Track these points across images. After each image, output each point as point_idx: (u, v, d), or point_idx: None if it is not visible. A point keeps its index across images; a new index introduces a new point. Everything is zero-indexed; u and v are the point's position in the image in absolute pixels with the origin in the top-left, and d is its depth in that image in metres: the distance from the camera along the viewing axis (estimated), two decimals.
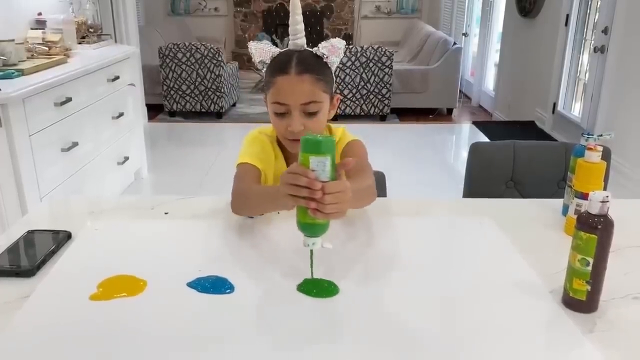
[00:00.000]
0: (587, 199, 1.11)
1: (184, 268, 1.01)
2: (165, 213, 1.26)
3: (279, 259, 1.07)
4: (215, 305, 0.90)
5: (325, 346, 0.81)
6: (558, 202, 1.31)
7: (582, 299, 0.90)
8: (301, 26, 1.27)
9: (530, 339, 0.84)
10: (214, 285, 0.95)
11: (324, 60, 1.27)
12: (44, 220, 1.27)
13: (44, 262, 1.02)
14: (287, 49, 1.30)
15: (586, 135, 1.18)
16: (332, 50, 1.27)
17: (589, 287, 0.89)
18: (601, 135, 1.18)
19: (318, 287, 0.95)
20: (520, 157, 1.73)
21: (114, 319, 0.86)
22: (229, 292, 0.94)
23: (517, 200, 1.46)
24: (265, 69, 1.30)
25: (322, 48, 1.27)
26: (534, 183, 1.74)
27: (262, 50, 1.28)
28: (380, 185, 1.58)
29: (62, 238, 1.11)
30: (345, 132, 1.42)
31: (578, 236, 0.89)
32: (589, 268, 0.88)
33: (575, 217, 1.14)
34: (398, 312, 0.90)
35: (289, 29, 1.28)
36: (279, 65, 1.26)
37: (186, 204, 1.32)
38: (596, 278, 0.89)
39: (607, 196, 0.87)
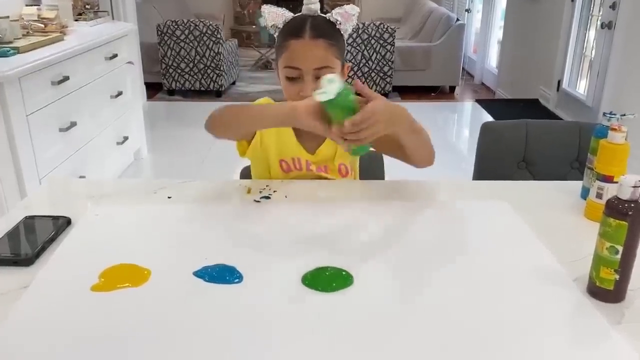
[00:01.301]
0: (609, 182, 1.07)
1: (190, 256, 0.96)
2: (169, 197, 1.21)
3: (290, 246, 1.02)
4: (224, 296, 0.86)
5: (339, 339, 0.77)
6: (576, 185, 1.26)
7: (609, 288, 0.85)
8: None
9: (554, 330, 0.80)
10: (222, 274, 0.90)
11: (337, 26, 1.26)
12: (43, 204, 1.22)
13: (43, 249, 0.97)
14: (300, 13, 1.27)
15: (608, 115, 1.13)
16: (346, 16, 1.26)
17: (617, 276, 0.84)
18: (624, 115, 1.13)
19: (329, 276, 0.91)
20: (532, 137, 1.68)
21: (117, 310, 0.82)
22: (237, 282, 0.89)
23: (533, 182, 1.41)
24: (277, 34, 1.27)
25: (336, 14, 1.26)
26: (546, 164, 1.69)
27: (275, 14, 1.27)
28: (378, 167, 1.54)
29: (61, 224, 1.05)
30: None
31: (607, 223, 0.84)
32: (618, 256, 0.84)
33: (596, 200, 1.10)
34: (415, 304, 0.86)
35: None
36: (292, 29, 1.24)
37: (190, 187, 1.27)
38: (625, 267, 0.84)
39: (639, 180, 0.82)
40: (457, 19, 5.96)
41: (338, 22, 1.26)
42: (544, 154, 1.68)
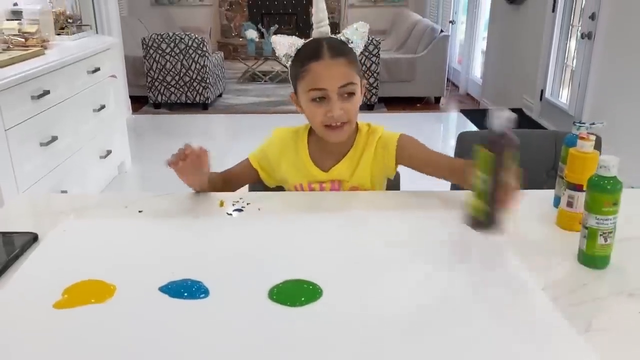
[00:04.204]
0: (579, 190, 1.08)
1: (156, 271, 0.94)
2: (139, 211, 1.20)
3: (259, 259, 1.01)
4: (189, 312, 0.84)
5: (307, 356, 0.76)
6: (549, 194, 1.26)
7: (481, 218, 0.91)
8: (324, 14, 1.30)
9: (522, 338, 0.80)
10: (187, 289, 0.88)
11: (350, 45, 1.30)
12: (13, 220, 1.20)
13: (6, 267, 0.95)
14: (312, 38, 1.30)
15: (577, 124, 1.13)
16: (356, 34, 1.30)
17: (487, 207, 0.89)
18: (593, 124, 1.14)
19: (298, 290, 0.90)
20: None
21: (80, 327, 0.80)
22: (203, 297, 0.87)
23: None
24: (289, 62, 1.31)
25: (347, 33, 1.31)
26: (523, 172, 1.69)
27: (286, 44, 1.30)
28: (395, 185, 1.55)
29: (27, 241, 1.03)
30: (382, 130, 1.42)
31: (477, 154, 0.91)
32: (486, 187, 0.89)
33: (567, 209, 1.10)
34: (384, 316, 0.85)
35: (313, 17, 1.31)
36: (310, 53, 1.27)
37: (161, 201, 1.26)
38: (492, 197, 0.90)
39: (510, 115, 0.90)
40: (442, 31, 6.00)
41: (350, 41, 1.30)
42: (521, 162, 1.68)
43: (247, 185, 1.47)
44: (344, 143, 1.36)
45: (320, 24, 1.30)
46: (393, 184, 1.55)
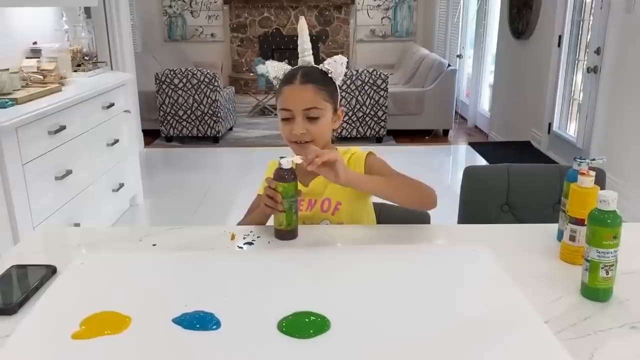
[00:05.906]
0: (581, 225, 1.10)
1: (170, 303, 0.98)
2: (154, 245, 1.24)
3: (269, 291, 1.04)
4: (201, 343, 0.87)
5: None
6: (553, 227, 1.29)
7: (283, 229, 1.25)
8: (308, 45, 1.44)
9: None
10: (200, 321, 0.91)
11: (329, 75, 1.42)
12: (32, 253, 1.25)
13: (26, 298, 0.99)
14: (297, 65, 1.45)
15: (579, 160, 1.17)
16: (335, 65, 1.42)
17: (286, 222, 1.24)
18: (594, 160, 1.17)
19: (307, 322, 0.92)
20: (514, 181, 1.72)
21: (97, 358, 0.83)
22: (215, 329, 0.90)
23: (512, 225, 1.44)
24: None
25: (327, 64, 1.43)
26: (529, 206, 1.72)
27: (276, 67, 1.45)
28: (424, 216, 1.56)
29: (46, 273, 1.08)
30: (357, 150, 1.50)
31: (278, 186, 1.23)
32: (285, 207, 1.22)
33: (570, 243, 1.13)
34: (392, 349, 0.87)
35: (298, 48, 1.44)
36: (286, 78, 1.42)
37: (175, 234, 1.30)
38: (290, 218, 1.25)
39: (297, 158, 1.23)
40: (449, 65, 6.09)
41: (330, 72, 1.42)
42: (526, 197, 1.71)
43: None
44: None
45: (304, 54, 1.44)
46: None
